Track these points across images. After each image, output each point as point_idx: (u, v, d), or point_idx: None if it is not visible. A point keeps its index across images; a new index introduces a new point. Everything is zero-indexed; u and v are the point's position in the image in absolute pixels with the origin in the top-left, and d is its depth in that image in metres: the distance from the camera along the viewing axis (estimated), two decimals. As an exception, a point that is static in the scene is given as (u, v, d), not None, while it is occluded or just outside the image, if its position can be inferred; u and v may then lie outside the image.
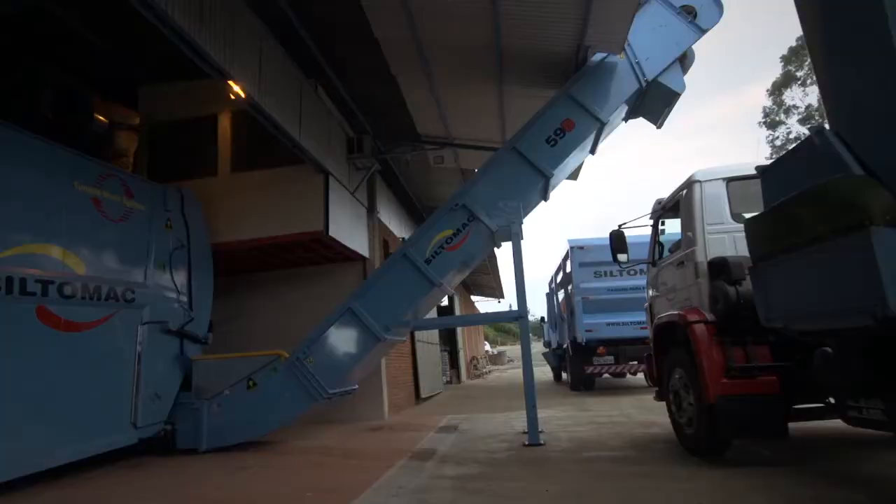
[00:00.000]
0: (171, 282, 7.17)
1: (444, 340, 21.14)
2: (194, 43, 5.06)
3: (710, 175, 5.16)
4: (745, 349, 4.48)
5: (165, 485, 5.28)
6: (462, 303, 24.43)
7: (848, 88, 3.08)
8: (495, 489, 4.36)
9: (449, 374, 21.06)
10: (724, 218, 4.96)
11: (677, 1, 6.82)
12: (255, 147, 8.55)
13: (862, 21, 2.91)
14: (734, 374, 4.43)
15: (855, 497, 3.63)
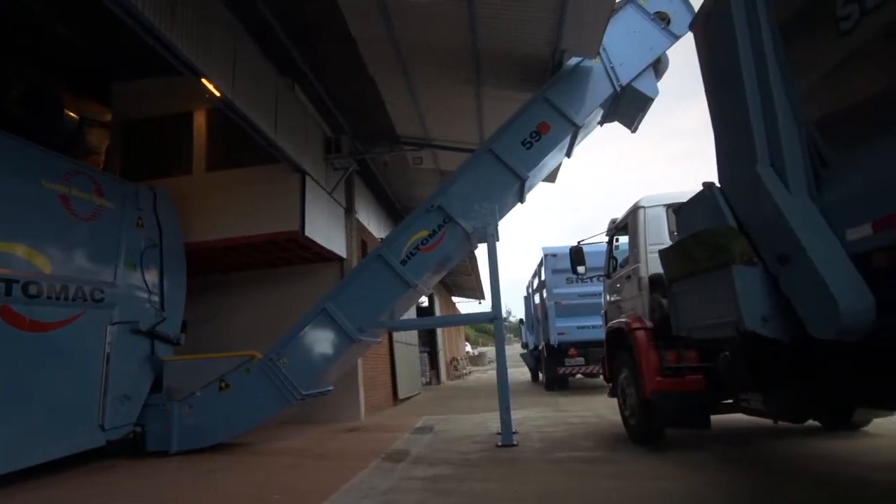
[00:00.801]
0: (143, 281, 7.06)
1: (424, 341, 21.13)
2: (165, 39, 5.00)
3: (653, 202, 5.86)
4: (677, 352, 5.16)
5: (133, 487, 5.19)
6: (443, 304, 24.45)
7: (723, 155, 3.85)
8: (465, 490, 4.37)
9: (429, 375, 21.06)
10: (664, 239, 5.48)
11: (651, 7, 6.92)
12: (230, 146, 8.48)
13: (728, 100, 3.66)
14: (667, 374, 5.13)
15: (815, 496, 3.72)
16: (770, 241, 3.20)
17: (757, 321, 3.21)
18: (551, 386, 13.74)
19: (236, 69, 6.33)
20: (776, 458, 4.94)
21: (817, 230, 2.90)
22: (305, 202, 8.22)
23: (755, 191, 3.27)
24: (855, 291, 2.70)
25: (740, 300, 3.26)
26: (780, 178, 3.19)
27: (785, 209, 3.04)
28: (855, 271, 2.73)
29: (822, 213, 2.94)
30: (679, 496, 3.84)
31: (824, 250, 2.83)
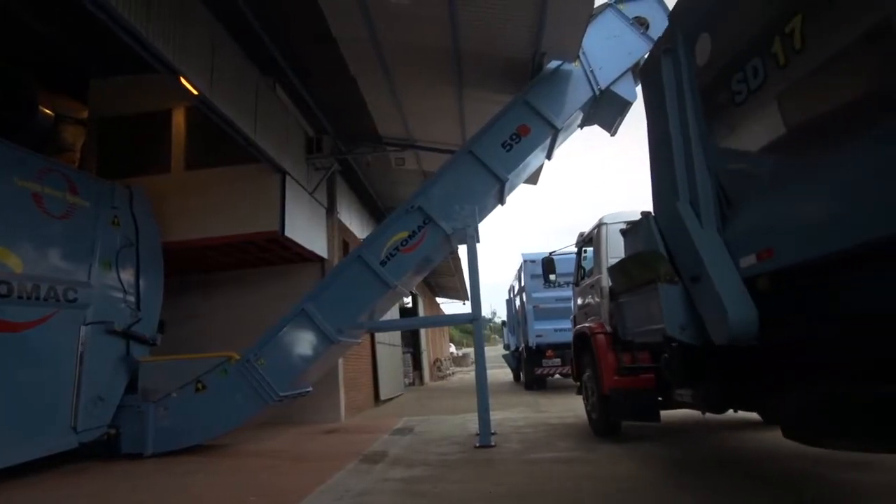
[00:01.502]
0: (118, 281, 6.96)
1: (407, 342, 21.11)
2: (140, 36, 4.94)
3: (615, 219, 6.42)
4: (632, 354, 5.83)
5: (105, 490, 5.12)
6: (426, 304, 24.44)
7: (655, 190, 4.50)
8: (439, 491, 4.38)
9: (412, 376, 21.03)
10: (621, 253, 5.74)
11: (630, 12, 6.99)
12: (210, 144, 8.38)
13: (660, 146, 4.33)
14: (623, 373, 5.83)
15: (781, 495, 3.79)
16: (686, 264, 3.85)
17: (676, 329, 3.90)
18: (530, 385, 14.31)
19: (215, 67, 6.27)
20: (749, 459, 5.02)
21: (720, 257, 3.56)
22: (285, 202, 8.17)
23: (677, 223, 3.94)
24: (743, 307, 3.32)
25: (664, 312, 3.95)
26: (695, 214, 3.86)
27: (697, 239, 3.72)
28: (745, 291, 3.35)
29: (725, 244, 3.60)
30: (653, 498, 3.89)
31: (723, 273, 3.47)
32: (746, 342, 3.33)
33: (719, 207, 3.72)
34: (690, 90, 3.98)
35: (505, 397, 13.04)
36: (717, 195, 3.74)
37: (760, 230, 3.28)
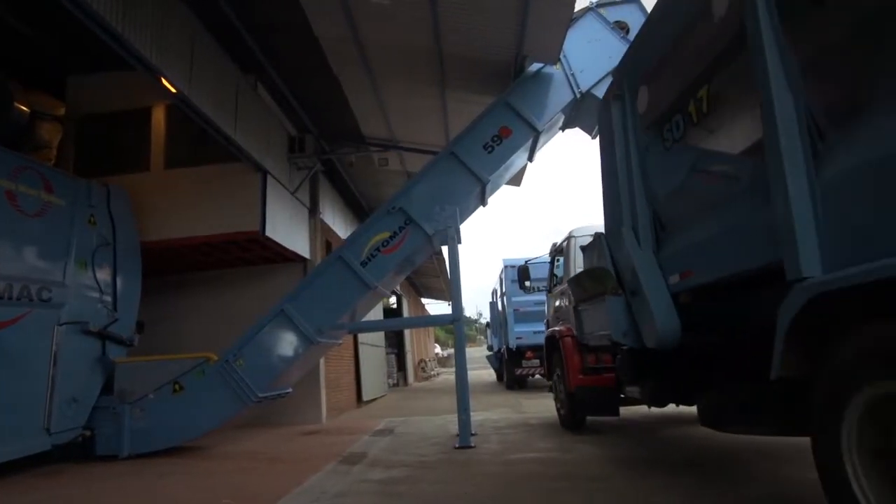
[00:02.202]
0: (94, 280, 6.86)
1: (392, 343, 21.08)
2: (116, 33, 4.87)
3: (583, 232, 6.91)
4: (596, 355, 6.36)
5: (77, 493, 5.04)
6: (411, 305, 24.41)
7: (606, 214, 5.07)
8: (416, 492, 4.37)
9: (396, 377, 21.00)
10: None
11: (611, 16, 7.05)
12: (190, 143, 8.31)
13: (609, 176, 4.89)
14: (587, 372, 6.45)
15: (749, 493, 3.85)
16: (628, 280, 4.44)
17: (619, 334, 4.56)
18: (511, 385, 15.00)
19: (194, 65, 6.21)
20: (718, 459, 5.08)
21: (654, 275, 4.16)
22: (266, 202, 8.10)
23: (621, 244, 4.53)
24: (669, 317, 3.93)
25: (610, 320, 4.62)
26: (635, 237, 4.43)
27: (636, 259, 4.30)
28: (671, 304, 3.95)
29: (658, 265, 4.19)
30: (628, 498, 3.92)
31: (655, 289, 4.09)
32: (671, 346, 3.98)
33: (655, 233, 4.35)
34: (633, 133, 4.56)
35: (488, 398, 13.13)
36: (653, 223, 4.37)
37: (682, 254, 3.89)
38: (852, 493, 2.09)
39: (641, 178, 4.46)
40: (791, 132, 2.58)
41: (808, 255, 2.47)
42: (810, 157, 2.52)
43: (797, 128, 2.57)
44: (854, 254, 2.22)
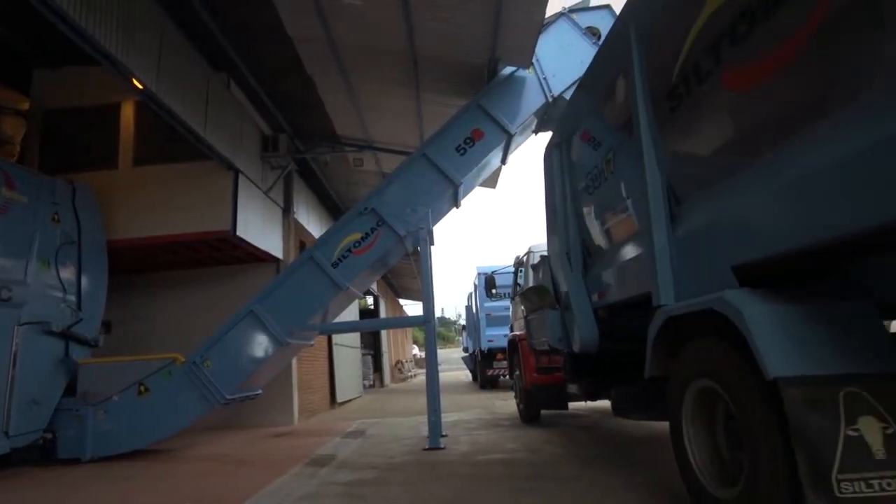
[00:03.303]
0: (57, 279, 6.70)
1: (368, 344, 20.99)
2: (78, 26, 4.77)
3: (540, 247, 7.52)
4: (549, 357, 7.10)
5: (34, 497, 4.93)
6: (389, 306, 24.33)
7: (548, 240, 6.01)
8: (382, 494, 4.36)
9: (372, 378, 20.90)
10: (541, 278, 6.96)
11: (583, 22, 7.12)
12: (160, 140, 8.17)
13: (550, 207, 5.80)
14: (541, 372, 7.36)
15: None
16: (562, 296, 5.45)
17: (556, 341, 5.66)
18: (484, 385, 15.83)
19: (162, 62, 6.11)
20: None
21: (580, 294, 5.06)
22: (238, 201, 8.00)
23: (559, 266, 5.48)
24: (590, 328, 4.89)
25: (548, 328, 5.70)
26: (569, 261, 5.26)
27: (568, 280, 5.22)
28: (592, 317, 4.90)
29: (585, 285, 5.06)
30: (592, 498, 3.96)
31: (581, 305, 5.01)
32: (592, 351, 4.93)
33: (583, 259, 5.18)
34: (569, 176, 5.38)
35: (462, 398, 13.19)
36: (582, 250, 5.20)
37: (600, 279, 4.77)
38: (685, 447, 3.19)
39: (574, 213, 5.30)
40: (657, 199, 3.44)
41: (666, 289, 3.35)
42: (669, 218, 3.40)
43: (661, 196, 3.43)
44: (692, 291, 3.09)
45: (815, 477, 2.14)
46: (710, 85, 2.94)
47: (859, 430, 2.17)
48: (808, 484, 2.16)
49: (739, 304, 2.50)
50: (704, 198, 3.12)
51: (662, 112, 3.42)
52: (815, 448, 2.17)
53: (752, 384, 2.47)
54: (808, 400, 2.22)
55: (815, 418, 2.20)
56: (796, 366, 2.30)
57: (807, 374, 2.28)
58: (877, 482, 2.09)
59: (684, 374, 3.14)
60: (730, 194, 2.86)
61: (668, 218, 3.39)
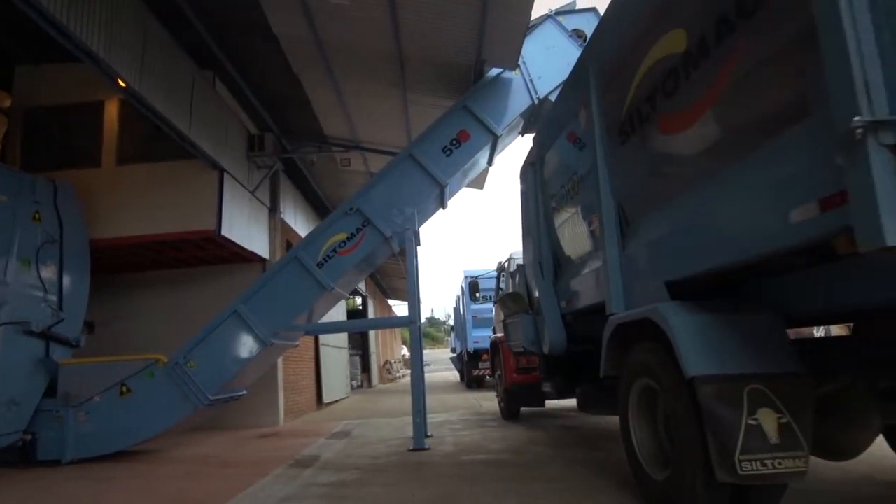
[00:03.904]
0: (38, 279, 6.61)
1: (356, 344, 20.94)
2: (59, 23, 4.71)
3: (521, 255, 7.59)
4: (527, 358, 7.47)
5: (15, 498, 4.87)
6: (377, 306, 24.28)
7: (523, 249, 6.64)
8: (363, 495, 4.36)
9: (360, 379, 20.84)
10: None
11: (569, 24, 7.15)
12: (144, 139, 8.09)
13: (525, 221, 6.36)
14: (520, 372, 7.88)
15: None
16: (535, 302, 5.98)
17: (529, 343, 6.17)
18: (471, 384, 16.36)
19: (145, 60, 6.05)
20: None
21: (551, 300, 5.56)
22: (223, 200, 7.94)
23: (532, 274, 6.10)
24: (558, 332, 5.43)
25: (522, 332, 6.19)
26: (541, 270, 5.73)
27: (539, 287, 5.72)
28: (561, 322, 5.43)
29: (555, 292, 5.55)
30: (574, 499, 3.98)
31: (551, 311, 5.52)
32: (560, 353, 5.51)
33: (554, 269, 5.65)
34: (542, 192, 5.90)
35: (450, 398, 13.24)
36: (553, 260, 5.68)
37: (567, 287, 5.27)
38: (631, 437, 3.67)
39: (546, 226, 5.80)
40: (610, 223, 3.99)
41: (617, 299, 3.87)
42: (620, 238, 3.92)
43: (614, 217, 3.97)
44: (638, 301, 3.59)
45: (722, 458, 2.59)
46: (649, 126, 3.50)
47: (758, 419, 2.61)
48: (716, 464, 2.61)
49: (667, 315, 2.97)
50: (645, 222, 3.64)
51: (614, 144, 3.96)
52: (722, 434, 2.61)
53: (677, 382, 2.90)
54: (718, 395, 2.66)
55: (723, 410, 2.64)
56: (710, 366, 2.74)
57: (718, 374, 2.72)
58: (770, 462, 2.54)
59: (630, 373, 3.66)
60: (664, 220, 3.38)
61: (619, 237, 3.93)
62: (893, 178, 1.81)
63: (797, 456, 2.55)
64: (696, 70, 2.94)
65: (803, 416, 2.61)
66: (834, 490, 3.75)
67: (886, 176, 1.81)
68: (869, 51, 1.87)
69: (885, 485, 3.91)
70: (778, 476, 2.56)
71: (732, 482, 2.61)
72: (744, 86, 2.65)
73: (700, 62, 2.91)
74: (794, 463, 2.55)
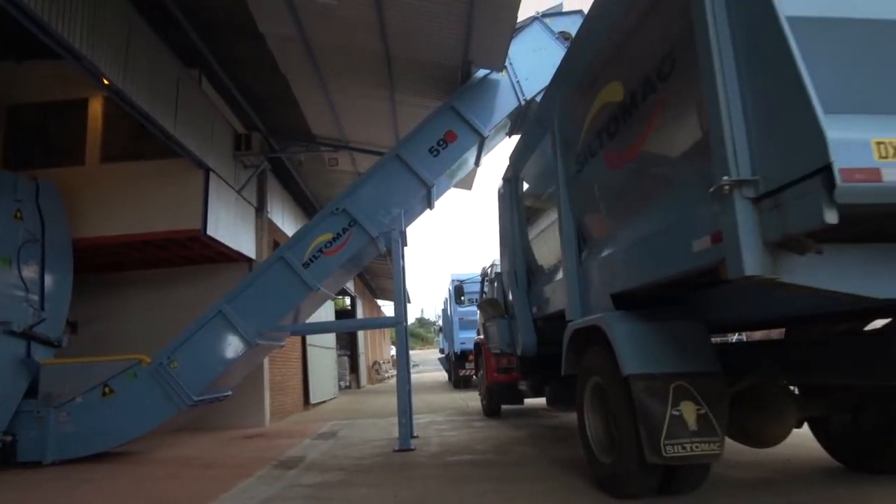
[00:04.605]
0: (19, 278, 6.53)
1: (344, 344, 20.88)
2: (40, 20, 4.66)
3: None
4: (508, 358, 7.74)
5: (-10, 502, 4.81)
6: (366, 307, 24.22)
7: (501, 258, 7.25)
8: (346, 496, 4.35)
9: (348, 379, 20.79)
10: None
11: (556, 26, 7.18)
12: (128, 137, 8.04)
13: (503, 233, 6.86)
14: (501, 371, 8.42)
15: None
16: (509, 308, 6.53)
17: (504, 345, 6.79)
18: (458, 384, 16.85)
19: (129, 57, 5.99)
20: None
21: (524, 306, 6.11)
22: (209, 200, 7.88)
23: (507, 282, 6.70)
24: (530, 335, 5.96)
25: (499, 335, 6.87)
26: (516, 278, 6.27)
27: (514, 294, 6.30)
28: (532, 326, 5.94)
29: (528, 299, 6.08)
30: (556, 499, 4.01)
31: (523, 316, 6.06)
32: (531, 355, 6.00)
33: (527, 277, 6.16)
34: (518, 206, 6.41)
35: (438, 399, 13.28)
36: (526, 270, 6.19)
37: (538, 295, 5.81)
38: (585, 428, 4.18)
39: (521, 238, 6.31)
40: (570, 240, 4.54)
41: (575, 307, 4.41)
42: (578, 253, 4.48)
43: (574, 235, 4.53)
44: (591, 310, 4.13)
45: (650, 443, 3.08)
46: (597, 160, 4.05)
47: (680, 411, 3.09)
48: (646, 448, 3.11)
49: (610, 323, 3.54)
50: (597, 241, 4.25)
51: (572, 172, 4.51)
52: (650, 423, 3.10)
53: (617, 380, 3.39)
54: (648, 390, 3.16)
55: (651, 403, 3.13)
56: (642, 366, 3.26)
57: (648, 372, 3.23)
58: (689, 446, 3.05)
59: (584, 372, 4.19)
60: (610, 241, 3.97)
61: (577, 253, 4.50)
62: (753, 223, 2.29)
63: (712, 441, 3.06)
64: (630, 119, 3.49)
65: (719, 409, 3.12)
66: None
67: (747, 222, 2.29)
68: (738, 125, 2.37)
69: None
70: (695, 458, 3.07)
71: (660, 463, 3.10)
72: (662, 137, 3.21)
73: (632, 112, 3.45)
74: (709, 447, 3.05)
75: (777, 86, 2.24)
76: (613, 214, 3.99)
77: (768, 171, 2.27)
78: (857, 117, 2.12)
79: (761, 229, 2.27)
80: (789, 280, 2.26)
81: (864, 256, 2.31)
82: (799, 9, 2.21)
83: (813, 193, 2.03)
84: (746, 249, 2.26)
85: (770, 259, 2.25)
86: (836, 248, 2.23)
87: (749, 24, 2.37)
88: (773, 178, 2.24)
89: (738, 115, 2.37)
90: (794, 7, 2.20)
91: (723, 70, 2.41)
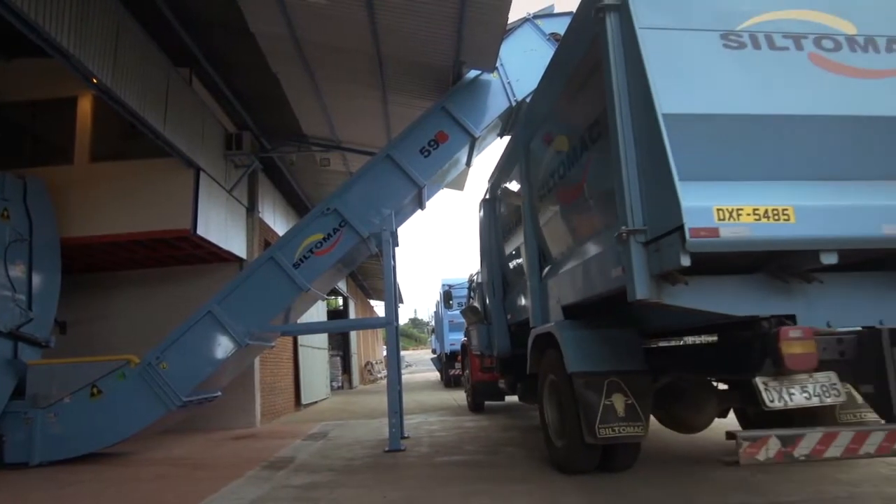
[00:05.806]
0: (6, 278, 6.49)
1: (336, 344, 20.83)
2: (26, 17, 4.62)
3: None
4: (490, 359, 7.95)
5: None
6: (359, 307, 24.17)
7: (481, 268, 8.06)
8: (335, 497, 4.34)
9: (340, 380, 20.74)
10: None
11: (547, 28, 7.19)
12: (118, 136, 8.00)
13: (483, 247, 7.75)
14: (483, 371, 8.93)
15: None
16: (488, 315, 7.35)
17: (484, 348, 7.61)
18: (448, 383, 17.41)
19: (118, 56, 5.96)
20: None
21: (499, 314, 6.99)
22: (199, 199, 7.83)
23: (486, 292, 7.49)
24: (504, 339, 6.87)
25: (479, 338, 7.80)
26: (493, 289, 7.16)
27: (491, 303, 7.15)
28: (507, 331, 6.84)
29: (503, 307, 6.95)
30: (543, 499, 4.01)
31: (499, 322, 6.95)
32: (506, 356, 6.80)
33: (503, 288, 7.04)
34: (496, 225, 7.29)
35: (430, 399, 13.26)
36: (502, 282, 7.08)
37: (511, 304, 6.70)
38: (544, 418, 4.95)
39: (497, 254, 7.17)
40: (533, 257, 5.44)
41: (536, 316, 5.29)
42: (539, 271, 5.37)
43: (535, 253, 5.44)
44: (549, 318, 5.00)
45: (588, 427, 3.89)
46: (553, 193, 4.84)
47: (612, 401, 3.87)
48: (585, 431, 3.93)
49: (560, 329, 4.37)
50: (553, 261, 5.13)
51: (536, 198, 5.29)
52: (588, 411, 3.89)
53: (566, 376, 4.15)
54: (587, 385, 3.96)
55: (589, 395, 3.92)
56: (583, 365, 4.06)
57: (588, 370, 4.03)
58: (617, 428, 3.84)
59: (543, 371, 4.95)
60: (561, 262, 4.87)
61: (539, 269, 5.37)
62: (643, 261, 3.03)
63: (637, 425, 3.85)
64: (573, 167, 4.35)
65: (643, 400, 3.92)
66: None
67: (639, 260, 3.04)
68: (634, 188, 3.14)
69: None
70: (623, 438, 3.86)
71: (596, 443, 3.89)
72: (593, 187, 4.03)
73: (574, 163, 4.32)
74: (633, 430, 3.85)
75: (654, 163, 2.99)
76: (562, 241, 4.92)
77: (652, 224, 3.02)
78: (707, 184, 2.92)
79: (648, 266, 3.01)
80: (670, 302, 3.01)
81: (723, 285, 3.09)
82: (672, 107, 2.98)
83: (674, 243, 2.80)
84: (639, 280, 3.00)
85: (655, 287, 2.99)
86: (700, 280, 2.99)
87: (641, 116, 3.12)
88: (655, 229, 2.99)
89: (634, 180, 3.14)
90: (668, 106, 2.97)
91: (625, 147, 3.17)
